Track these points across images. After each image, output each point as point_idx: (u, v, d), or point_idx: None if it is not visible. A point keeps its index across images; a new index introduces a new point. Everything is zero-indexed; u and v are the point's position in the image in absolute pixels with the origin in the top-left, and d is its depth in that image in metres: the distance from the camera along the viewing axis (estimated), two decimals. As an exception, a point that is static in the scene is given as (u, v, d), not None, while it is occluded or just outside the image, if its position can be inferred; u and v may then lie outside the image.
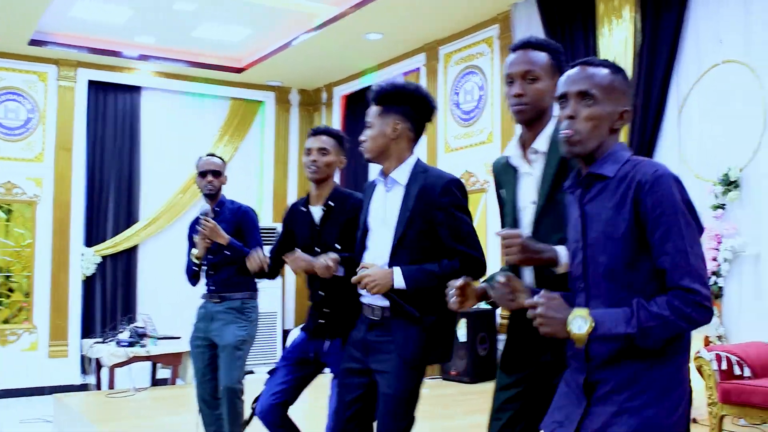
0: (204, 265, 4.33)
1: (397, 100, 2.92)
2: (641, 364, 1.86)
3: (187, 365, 7.05)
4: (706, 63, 5.56)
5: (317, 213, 3.43)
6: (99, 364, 7.26)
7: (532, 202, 2.37)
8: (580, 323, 1.80)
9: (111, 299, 9.01)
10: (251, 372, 8.61)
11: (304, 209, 3.50)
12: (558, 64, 2.43)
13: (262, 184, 10.04)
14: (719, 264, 5.16)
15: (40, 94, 8.74)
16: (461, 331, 6.75)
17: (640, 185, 1.85)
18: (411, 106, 2.93)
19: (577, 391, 1.96)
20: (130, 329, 7.16)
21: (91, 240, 8.96)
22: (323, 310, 3.36)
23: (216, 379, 4.26)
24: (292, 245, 3.44)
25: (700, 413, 4.68)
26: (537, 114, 2.41)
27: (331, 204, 3.40)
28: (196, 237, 4.21)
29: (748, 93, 5.27)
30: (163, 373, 7.62)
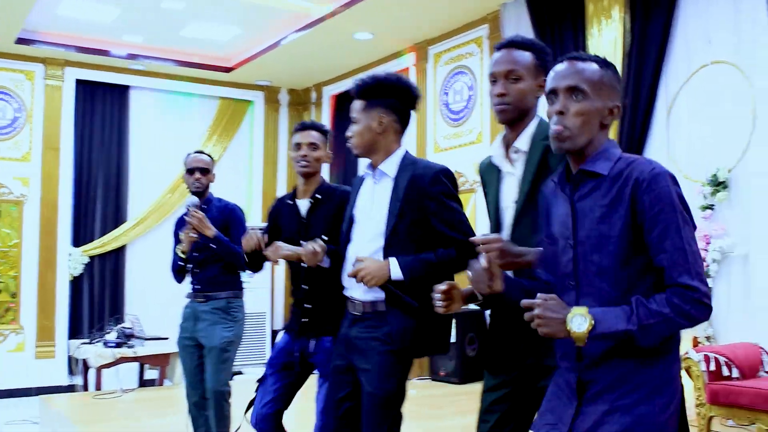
0: (189, 262, 4.30)
1: (380, 92, 2.90)
2: (632, 363, 1.85)
3: (174, 366, 7.01)
4: (695, 63, 5.57)
5: (304, 206, 3.41)
6: (86, 365, 7.22)
7: (514, 202, 2.36)
8: (579, 321, 1.78)
9: (99, 300, 8.96)
10: (239, 373, 8.58)
11: (290, 202, 3.48)
12: (542, 64, 2.42)
13: (251, 184, 10.01)
14: (708, 264, 5.16)
15: (27, 93, 8.68)
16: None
17: (638, 183, 1.84)
18: (394, 97, 2.90)
19: (568, 391, 1.95)
20: (118, 330, 7.11)
21: (78, 240, 8.90)
22: (305, 305, 3.32)
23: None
24: (276, 239, 3.39)
25: (689, 414, 4.67)
26: (519, 114, 2.40)
27: (318, 197, 3.39)
28: (182, 233, 4.19)
29: (737, 93, 5.27)
30: (151, 374, 7.57)
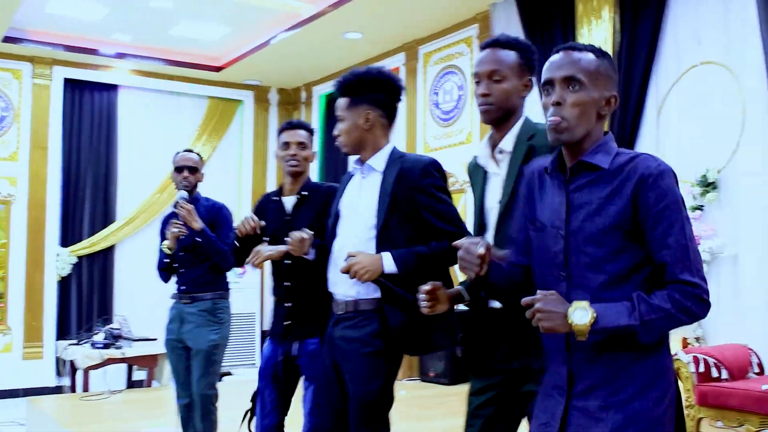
0: (175, 261, 4.28)
1: (363, 88, 2.87)
2: (624, 357, 1.83)
3: (163, 367, 6.97)
4: (684, 63, 5.57)
5: (289, 202, 3.41)
6: (73, 366, 7.17)
7: (498, 202, 2.34)
8: (581, 314, 1.76)
9: (87, 300, 8.91)
10: (229, 373, 8.55)
11: (276, 198, 3.47)
12: (527, 63, 2.40)
13: (241, 184, 9.97)
14: (698, 265, 5.16)
15: (15, 92, 8.62)
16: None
17: (643, 178, 1.83)
18: (378, 91, 2.87)
19: (558, 387, 1.92)
20: (105, 331, 7.06)
21: (66, 240, 8.85)
22: (286, 304, 3.29)
23: None
24: (261, 235, 3.37)
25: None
26: (503, 114, 2.38)
27: (304, 194, 3.38)
28: (168, 230, 4.17)
29: (726, 94, 5.27)
30: (139, 375, 7.53)
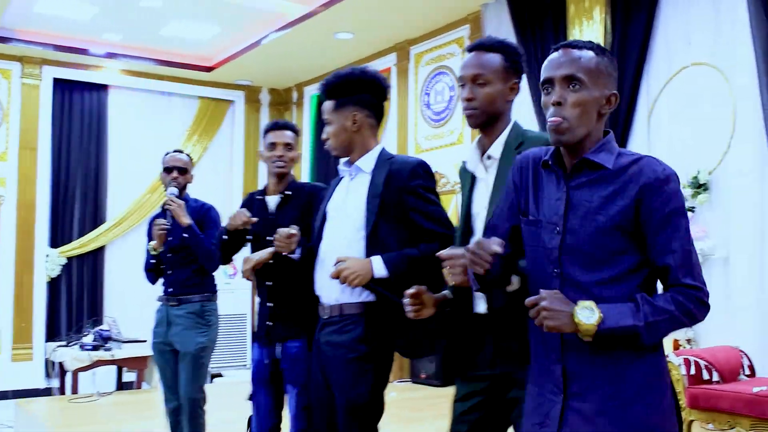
0: (162, 262, 4.25)
1: (348, 90, 2.84)
2: (620, 359, 1.81)
3: (152, 369, 6.93)
4: (675, 65, 5.56)
5: (273, 201, 3.40)
6: (62, 368, 7.13)
7: (484, 208, 2.31)
8: (587, 314, 1.74)
9: (77, 301, 8.86)
10: (220, 375, 8.51)
11: (260, 197, 3.46)
12: (513, 66, 2.36)
13: (232, 184, 9.93)
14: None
15: (4, 92, 8.56)
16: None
17: (649, 182, 1.81)
18: (363, 92, 2.85)
19: (551, 385, 1.89)
20: (94, 333, 7.03)
21: (56, 241, 8.80)
22: (268, 304, 3.27)
23: None
24: (245, 234, 3.38)
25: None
26: (488, 118, 2.34)
27: (288, 193, 3.37)
28: (154, 225, 4.16)
29: (717, 95, 5.26)
30: (129, 376, 7.49)
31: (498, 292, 2.08)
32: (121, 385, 7.52)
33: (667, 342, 5.00)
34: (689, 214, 5.22)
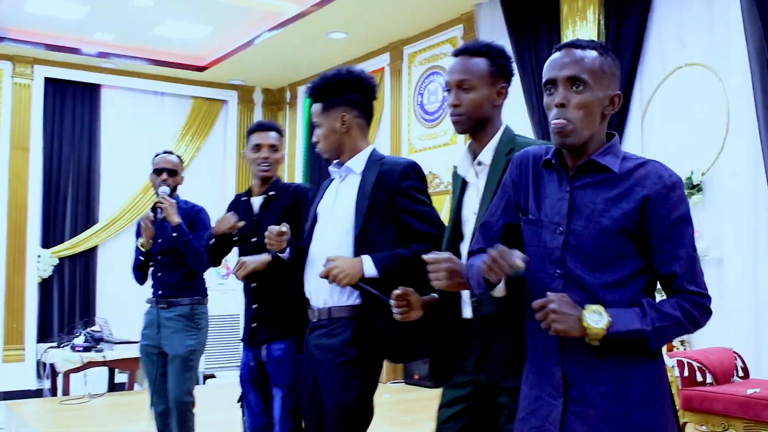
0: (150, 261, 4.23)
1: (335, 91, 2.83)
2: (622, 363, 1.80)
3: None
4: (669, 65, 5.54)
5: (257, 202, 3.39)
6: (54, 369, 7.08)
7: (474, 213, 2.27)
8: (596, 318, 1.73)
9: (69, 302, 8.82)
10: (212, 376, 8.48)
11: (245, 198, 3.46)
12: (500, 70, 2.32)
13: (225, 185, 9.89)
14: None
15: (-5, 92, 8.53)
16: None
17: (656, 188, 1.81)
18: (351, 92, 2.83)
19: (550, 389, 1.86)
20: (86, 334, 6.98)
21: (48, 241, 8.76)
22: (253, 306, 3.25)
23: None
24: (231, 237, 3.38)
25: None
26: (475, 124, 2.31)
27: (271, 194, 3.36)
28: (143, 221, 4.17)
29: (710, 96, 5.25)
30: (121, 378, 7.45)
31: (490, 299, 2.05)
32: (113, 387, 7.47)
33: (661, 343, 4.99)
34: (683, 215, 5.23)
